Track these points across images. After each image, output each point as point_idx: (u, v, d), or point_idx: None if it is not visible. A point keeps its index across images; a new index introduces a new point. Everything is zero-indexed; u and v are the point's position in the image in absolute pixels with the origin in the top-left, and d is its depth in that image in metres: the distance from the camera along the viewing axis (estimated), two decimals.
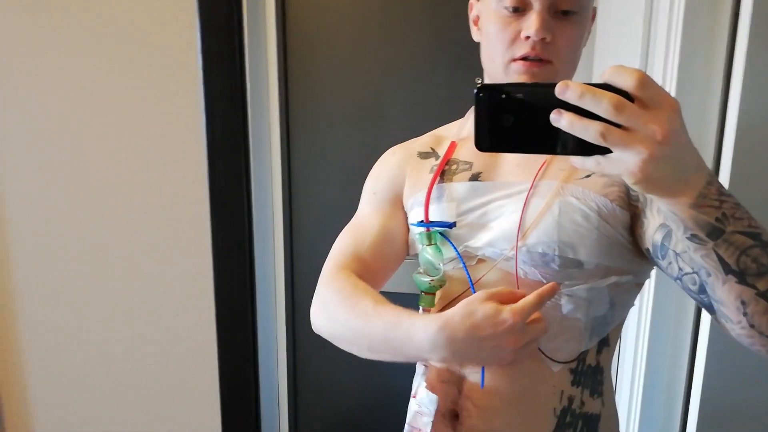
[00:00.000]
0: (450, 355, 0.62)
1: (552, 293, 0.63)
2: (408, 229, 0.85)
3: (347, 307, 0.73)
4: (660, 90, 0.42)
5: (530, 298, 0.62)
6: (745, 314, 0.52)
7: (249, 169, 0.59)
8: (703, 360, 1.05)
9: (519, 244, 0.70)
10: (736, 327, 0.55)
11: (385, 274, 0.84)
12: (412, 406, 0.77)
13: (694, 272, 0.60)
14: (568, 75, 0.73)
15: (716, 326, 0.60)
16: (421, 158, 0.85)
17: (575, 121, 0.41)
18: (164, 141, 0.98)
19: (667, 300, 1.13)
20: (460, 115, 0.90)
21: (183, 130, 0.98)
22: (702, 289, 0.58)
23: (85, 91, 0.95)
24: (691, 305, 1.10)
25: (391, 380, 2.13)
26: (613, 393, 0.80)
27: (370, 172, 0.90)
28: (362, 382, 2.20)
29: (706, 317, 1.06)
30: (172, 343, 1.02)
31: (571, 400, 0.73)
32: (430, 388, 0.76)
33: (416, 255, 0.84)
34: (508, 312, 0.60)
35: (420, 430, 0.75)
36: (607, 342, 0.75)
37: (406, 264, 0.88)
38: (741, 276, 0.50)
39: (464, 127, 0.85)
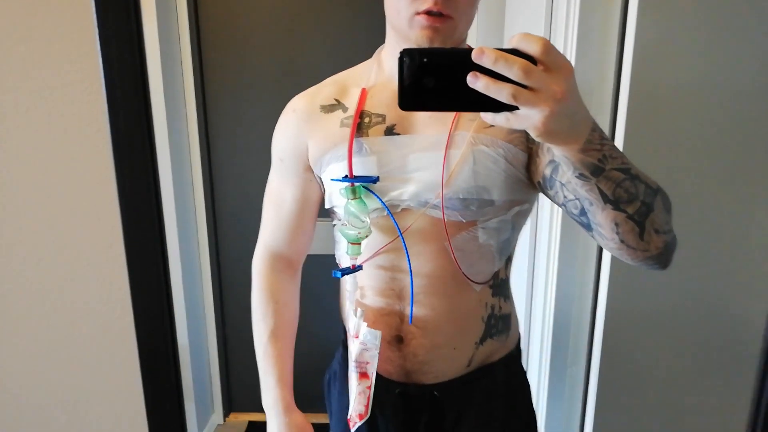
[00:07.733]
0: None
1: None
2: (319, 188, 0.90)
3: (254, 319, 0.93)
4: (559, 55, 0.48)
5: None
6: (617, 233, 0.65)
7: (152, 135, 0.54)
8: (608, 267, 1.17)
9: (444, 192, 0.77)
10: (610, 242, 0.67)
11: (308, 236, 0.95)
12: (355, 345, 0.84)
13: (576, 199, 0.70)
14: (465, 28, 0.79)
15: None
16: (324, 112, 0.85)
17: (490, 84, 0.46)
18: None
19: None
20: None
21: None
22: (582, 213, 0.71)
23: None
24: None
25: (324, 343, 2.17)
26: (511, 294, 0.95)
27: (274, 132, 0.91)
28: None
29: None
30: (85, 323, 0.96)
31: (493, 307, 0.88)
32: (372, 325, 0.85)
33: (328, 215, 0.89)
34: None
35: (368, 362, 0.84)
36: (510, 257, 0.90)
37: (327, 228, 0.92)
38: (616, 204, 0.62)
39: (371, 75, 0.86)
